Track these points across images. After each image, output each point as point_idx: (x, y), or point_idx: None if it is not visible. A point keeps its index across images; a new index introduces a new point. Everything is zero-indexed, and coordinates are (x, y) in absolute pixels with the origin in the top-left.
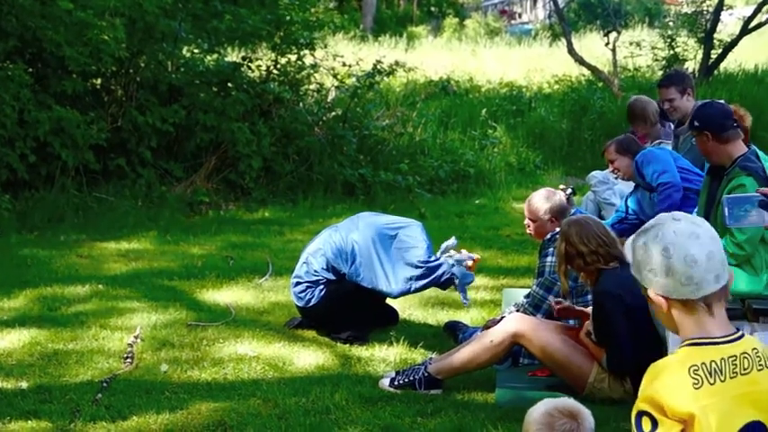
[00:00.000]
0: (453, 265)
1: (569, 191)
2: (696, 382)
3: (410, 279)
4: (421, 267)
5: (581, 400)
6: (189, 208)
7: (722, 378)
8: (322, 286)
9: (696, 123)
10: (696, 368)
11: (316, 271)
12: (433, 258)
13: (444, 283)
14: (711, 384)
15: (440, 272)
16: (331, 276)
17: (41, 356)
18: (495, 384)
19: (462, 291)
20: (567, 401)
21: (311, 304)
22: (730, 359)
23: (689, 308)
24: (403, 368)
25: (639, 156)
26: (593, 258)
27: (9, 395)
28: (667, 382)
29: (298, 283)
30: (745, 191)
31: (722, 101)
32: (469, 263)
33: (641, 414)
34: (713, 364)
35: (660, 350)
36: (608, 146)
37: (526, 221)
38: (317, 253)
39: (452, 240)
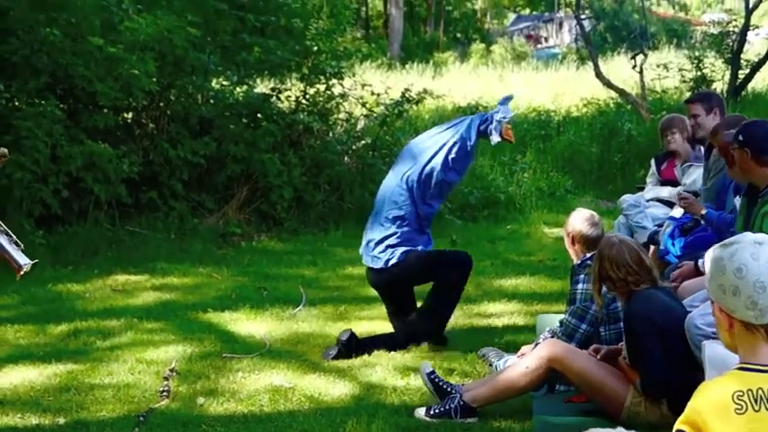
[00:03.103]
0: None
1: None
2: (739, 407)
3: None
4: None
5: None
6: (221, 239)
7: None
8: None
9: (740, 138)
10: (741, 393)
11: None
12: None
13: (485, 127)
14: (756, 411)
15: (478, 121)
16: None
17: (78, 392)
18: (531, 412)
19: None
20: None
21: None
22: None
23: (750, 331)
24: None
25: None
26: (621, 283)
27: None
28: (709, 404)
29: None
30: None
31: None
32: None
33: None
34: (760, 392)
35: (696, 373)
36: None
37: None
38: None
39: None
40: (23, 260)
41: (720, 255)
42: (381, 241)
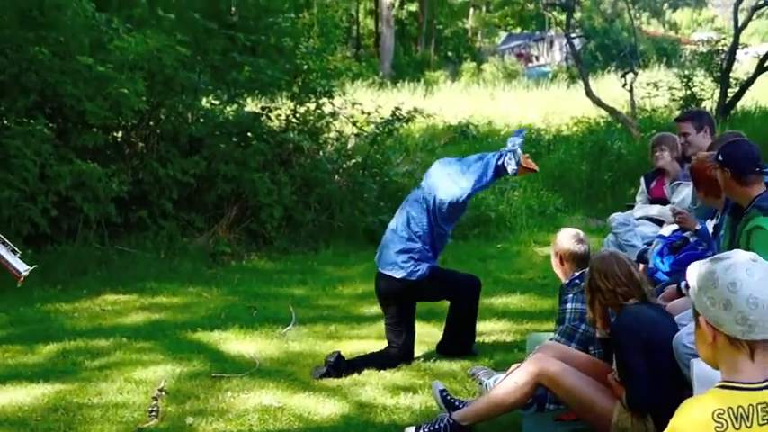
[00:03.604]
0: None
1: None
2: (720, 425)
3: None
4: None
5: None
6: (211, 259)
7: (749, 424)
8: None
9: (720, 158)
10: (721, 412)
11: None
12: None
13: (502, 168)
14: (736, 429)
15: (496, 157)
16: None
17: (67, 411)
18: (521, 430)
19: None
20: None
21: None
22: (760, 405)
23: (734, 346)
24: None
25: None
26: (610, 296)
27: None
28: (690, 423)
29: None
30: (764, 232)
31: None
32: (519, 153)
33: None
34: (740, 410)
35: (683, 390)
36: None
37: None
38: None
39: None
40: (22, 267)
41: (713, 268)
42: (405, 252)
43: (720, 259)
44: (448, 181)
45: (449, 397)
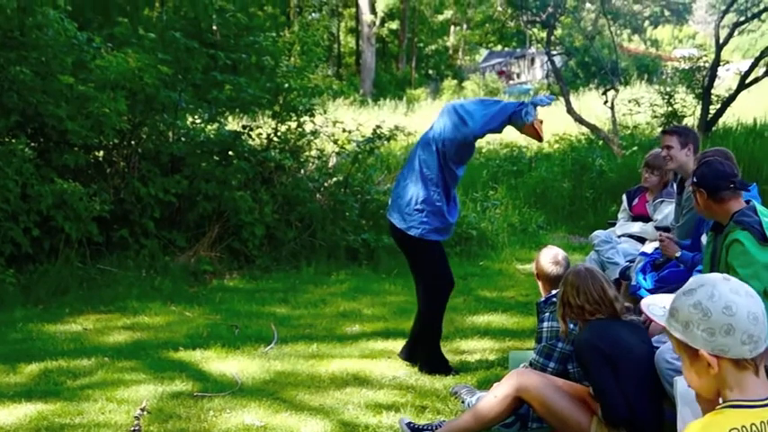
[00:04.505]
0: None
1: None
2: None
3: (486, 112)
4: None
5: None
6: (193, 277)
7: None
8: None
9: (694, 179)
10: (736, 431)
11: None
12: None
13: (515, 117)
14: None
15: (515, 105)
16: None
17: (49, 431)
18: None
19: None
20: None
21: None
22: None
23: (739, 367)
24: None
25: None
26: (578, 311)
27: None
28: None
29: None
30: (741, 246)
31: (725, 156)
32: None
33: None
34: (753, 427)
35: (657, 403)
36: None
37: None
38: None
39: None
40: None
41: (694, 300)
42: (416, 202)
43: (694, 290)
44: (456, 119)
45: (415, 425)
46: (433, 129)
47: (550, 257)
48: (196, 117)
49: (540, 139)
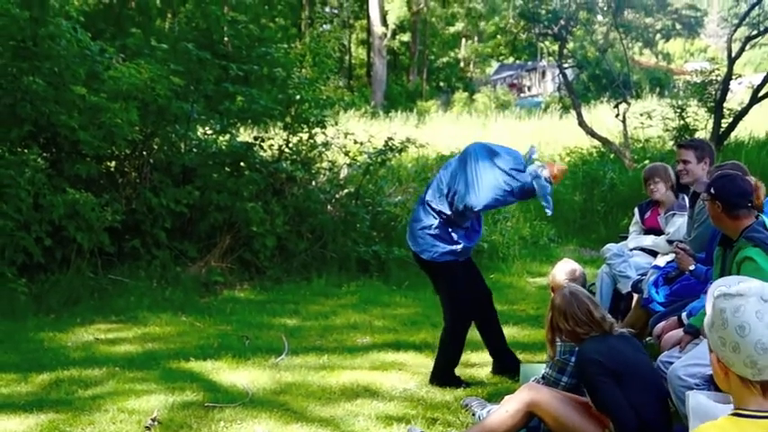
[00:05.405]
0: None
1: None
2: None
3: (495, 189)
4: (509, 175)
5: None
6: (204, 288)
7: None
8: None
9: (712, 191)
10: None
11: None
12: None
13: (526, 195)
14: None
15: (522, 181)
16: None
17: None
18: None
19: (545, 201)
20: None
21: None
22: None
23: (745, 384)
24: None
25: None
26: (570, 335)
27: None
28: None
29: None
30: (753, 263)
31: (742, 170)
32: (546, 173)
33: None
34: None
35: (662, 401)
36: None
37: None
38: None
39: (532, 149)
40: None
41: (723, 306)
42: (424, 228)
43: (732, 296)
44: (471, 181)
45: None
46: (451, 165)
47: (567, 272)
48: (208, 128)
49: (565, 170)
